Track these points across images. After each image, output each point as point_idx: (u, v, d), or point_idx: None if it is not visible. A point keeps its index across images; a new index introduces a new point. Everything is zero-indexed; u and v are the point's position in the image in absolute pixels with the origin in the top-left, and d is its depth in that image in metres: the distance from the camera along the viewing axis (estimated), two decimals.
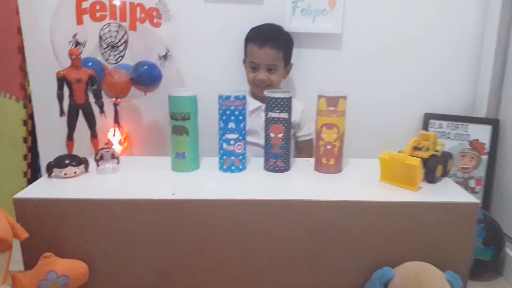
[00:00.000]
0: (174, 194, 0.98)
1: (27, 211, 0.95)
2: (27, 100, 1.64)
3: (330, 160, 1.13)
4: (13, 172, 1.64)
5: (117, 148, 1.49)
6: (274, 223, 0.97)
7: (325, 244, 0.99)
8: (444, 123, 1.65)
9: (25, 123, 1.64)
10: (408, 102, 1.66)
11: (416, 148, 1.10)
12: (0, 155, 1.64)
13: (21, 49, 1.60)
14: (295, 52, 1.53)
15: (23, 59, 1.61)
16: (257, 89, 1.44)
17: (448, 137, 1.64)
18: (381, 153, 1.07)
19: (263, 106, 1.45)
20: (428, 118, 1.66)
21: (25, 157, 1.65)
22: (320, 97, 1.11)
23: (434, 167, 1.06)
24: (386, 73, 1.62)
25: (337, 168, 1.15)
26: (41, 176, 1.65)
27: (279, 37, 1.45)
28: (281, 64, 1.45)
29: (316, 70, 1.61)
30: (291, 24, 1.53)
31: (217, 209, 0.97)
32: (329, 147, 1.12)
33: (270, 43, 1.40)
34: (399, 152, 1.11)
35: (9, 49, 1.63)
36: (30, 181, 1.65)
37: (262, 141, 1.44)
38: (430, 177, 1.07)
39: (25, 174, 1.65)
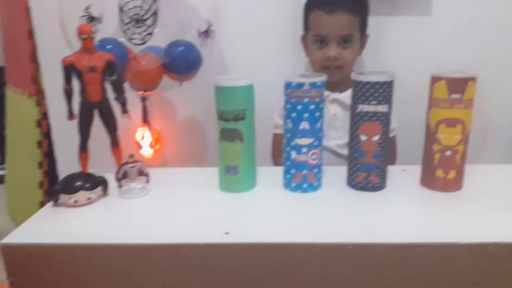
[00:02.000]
0: (228, 233, 0.66)
1: (20, 263, 0.66)
2: (40, 96, 1.36)
3: (449, 172, 0.78)
4: (28, 182, 1.38)
5: (148, 152, 1.19)
6: (380, 276, 0.64)
7: None
8: None
9: (39, 123, 1.36)
10: None
11: None
12: (14, 163, 1.38)
13: (31, 34, 1.32)
14: (371, 20, 1.16)
15: (34, 47, 1.33)
16: (326, 72, 1.09)
17: None
18: None
19: (331, 96, 1.12)
20: None
21: (40, 164, 1.38)
22: (436, 79, 0.76)
23: None
24: (491, 47, 1.23)
25: (457, 183, 0.80)
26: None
27: None
28: (357, 34, 1.10)
29: (397, 44, 1.25)
30: None
31: (294, 257, 0.64)
32: (448, 153, 0.77)
33: (344, 6, 1.05)
34: None
35: (17, 35, 1.35)
36: (47, 193, 1.39)
37: (330, 142, 1.12)
38: None
39: (40, 184, 1.38)
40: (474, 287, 0.64)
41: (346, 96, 1.09)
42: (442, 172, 0.79)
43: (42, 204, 1.39)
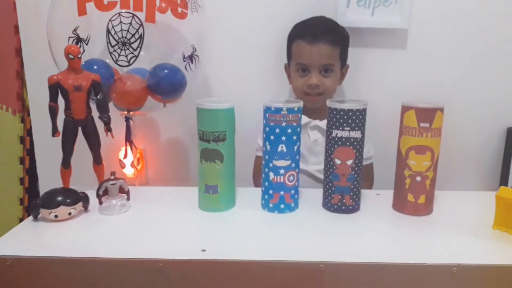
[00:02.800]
0: (204, 251, 0.68)
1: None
2: (25, 113, 1.37)
3: (419, 197, 0.82)
4: (8, 198, 1.37)
5: (130, 171, 1.21)
6: None
7: None
8: None
9: (22, 140, 1.37)
10: (487, 113, 1.33)
11: None
12: None
13: (18, 52, 1.34)
14: (351, 51, 1.21)
15: (21, 64, 1.34)
16: (307, 98, 1.13)
17: None
18: (499, 189, 0.75)
19: (312, 123, 1.16)
20: None
21: (21, 180, 1.37)
22: (407, 108, 0.80)
23: None
24: (460, 78, 1.30)
25: (427, 208, 0.84)
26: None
27: (335, 29, 1.14)
28: (338, 64, 1.14)
29: (375, 74, 1.30)
30: (346, 18, 1.22)
31: (269, 274, 0.66)
32: (419, 179, 0.81)
33: (325, 38, 1.10)
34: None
35: (4, 52, 1.37)
36: (27, 209, 1.38)
37: (309, 167, 1.15)
38: None
39: (21, 201, 1.38)
40: None
41: (325, 123, 1.13)
42: (412, 196, 0.82)
43: (21, 220, 1.38)
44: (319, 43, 1.09)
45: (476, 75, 1.29)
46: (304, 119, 1.15)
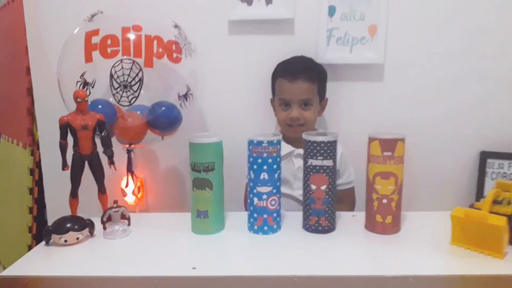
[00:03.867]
0: (195, 268, 0.78)
1: None
2: (34, 147, 1.49)
3: (386, 217, 0.92)
4: (18, 226, 1.48)
5: (131, 199, 1.31)
6: None
7: None
8: (505, 162, 1.42)
9: (31, 172, 1.49)
10: (461, 140, 1.44)
11: (495, 202, 0.88)
12: (3, 208, 1.48)
13: (29, 91, 1.47)
14: (331, 86, 1.34)
15: (32, 102, 1.47)
16: (290, 129, 1.25)
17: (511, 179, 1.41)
18: (454, 210, 0.86)
19: (296, 151, 1.27)
20: (485, 157, 1.44)
21: (30, 210, 1.48)
22: (372, 139, 0.91)
23: None
24: (434, 108, 1.41)
25: (395, 227, 0.94)
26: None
27: (312, 68, 1.27)
28: (316, 98, 1.26)
29: (354, 105, 1.42)
30: (326, 55, 1.36)
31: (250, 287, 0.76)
32: (385, 201, 0.92)
33: (302, 76, 1.22)
34: (471, 207, 0.90)
35: (17, 91, 1.50)
36: (35, 237, 1.48)
37: (295, 192, 1.26)
38: None
39: (30, 229, 1.48)
40: None
41: None
42: (380, 217, 0.93)
43: (30, 247, 1.48)
44: (298, 81, 1.22)
45: (449, 103, 1.41)
46: (289, 148, 1.26)
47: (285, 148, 1.26)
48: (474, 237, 0.84)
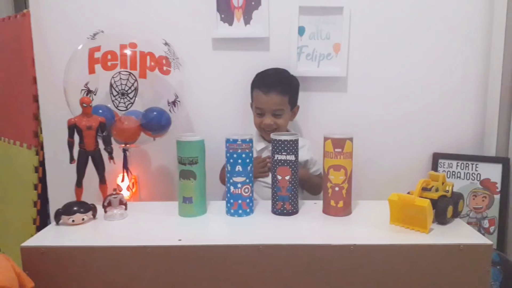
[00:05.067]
0: (180, 240, 0.97)
1: (34, 260, 0.95)
2: (39, 147, 1.67)
3: (338, 202, 1.12)
4: (23, 219, 1.65)
5: (126, 193, 1.50)
6: (282, 268, 0.95)
7: None
8: (454, 162, 1.64)
9: (36, 169, 1.66)
10: (416, 142, 1.66)
11: (425, 189, 1.08)
12: (11, 202, 1.65)
13: (36, 98, 1.65)
14: (302, 95, 1.55)
15: (38, 108, 1.65)
16: (264, 132, 1.46)
17: (459, 177, 1.62)
18: (390, 195, 1.06)
19: (269, 147, 1.46)
20: (437, 158, 1.65)
21: (35, 204, 1.66)
22: (326, 139, 1.12)
23: (445, 208, 1.05)
24: (392, 114, 1.63)
25: (346, 210, 1.14)
26: (50, 223, 1.67)
27: (284, 82, 1.47)
28: (287, 108, 1.46)
29: (323, 113, 1.62)
30: (297, 69, 1.57)
31: (225, 255, 0.95)
32: (337, 189, 1.12)
33: (275, 89, 1.42)
34: (408, 193, 1.10)
35: (24, 98, 1.68)
36: (39, 228, 1.65)
37: (269, 180, 1.43)
38: (441, 219, 1.05)
39: (34, 221, 1.66)
40: (342, 275, 0.96)
41: None
42: (333, 202, 1.13)
43: None
44: (271, 93, 1.42)
45: (405, 111, 1.62)
46: (264, 143, 1.48)
47: (261, 144, 1.48)
48: (407, 216, 1.04)
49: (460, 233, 1.01)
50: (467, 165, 1.62)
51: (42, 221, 1.68)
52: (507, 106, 1.56)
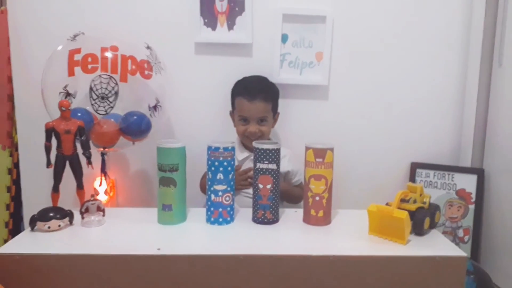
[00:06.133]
0: (159, 249, 0.96)
1: (8, 267, 0.92)
2: (13, 148, 1.62)
3: (319, 212, 1.13)
4: None
5: (103, 197, 1.47)
6: (263, 279, 0.95)
7: None
8: (431, 172, 1.67)
9: (9, 171, 1.62)
10: (394, 151, 1.69)
11: (403, 200, 1.10)
12: None
13: (10, 98, 1.61)
14: (283, 102, 1.56)
15: (12, 107, 1.61)
16: (248, 140, 1.45)
17: (435, 186, 1.66)
18: (369, 206, 1.07)
19: (252, 156, 1.46)
20: (415, 167, 1.69)
21: (7, 206, 1.61)
22: (307, 148, 1.12)
23: (422, 220, 1.06)
24: (372, 123, 1.66)
25: (326, 220, 1.14)
26: (23, 227, 1.63)
27: (267, 89, 1.47)
28: (271, 115, 1.46)
29: (304, 120, 1.64)
30: (279, 76, 1.57)
31: (205, 264, 0.94)
32: (317, 198, 1.12)
33: (260, 96, 1.42)
34: (387, 204, 1.12)
35: None
36: (11, 231, 1.60)
37: (250, 190, 1.44)
38: (418, 230, 1.07)
39: (6, 224, 1.60)
40: (322, 286, 0.96)
41: None
42: (314, 211, 1.13)
43: (6, 241, 1.60)
44: (256, 101, 1.41)
45: (385, 120, 1.65)
46: (246, 153, 1.47)
47: (244, 153, 1.47)
48: (385, 227, 1.05)
49: (436, 245, 1.03)
50: (443, 175, 1.65)
51: (15, 225, 1.63)
52: (483, 119, 1.61)
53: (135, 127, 1.32)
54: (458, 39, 1.61)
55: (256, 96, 1.42)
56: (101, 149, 1.36)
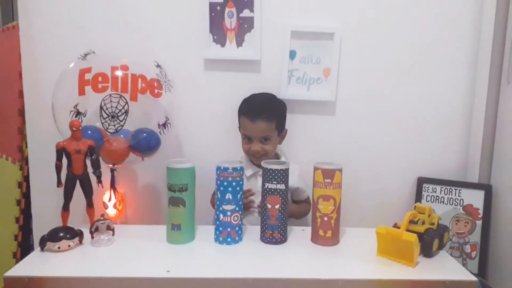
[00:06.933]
0: (169, 271, 0.97)
1: None
2: (23, 162, 1.64)
3: (327, 232, 1.13)
4: (4, 235, 1.61)
5: (112, 211, 1.48)
6: None
7: None
8: (438, 187, 1.67)
9: (19, 185, 1.63)
10: (401, 166, 1.68)
11: (412, 222, 1.10)
12: None
13: (21, 112, 1.63)
14: (291, 117, 1.56)
15: (23, 122, 1.63)
16: (253, 158, 1.45)
17: (442, 202, 1.65)
18: (378, 227, 1.07)
19: (260, 172, 1.47)
20: (421, 182, 1.68)
21: (17, 219, 1.63)
22: (316, 169, 1.13)
23: (431, 242, 1.07)
24: (379, 139, 1.65)
25: (334, 240, 1.15)
26: (32, 240, 1.64)
27: (269, 108, 1.45)
28: (275, 133, 1.45)
29: (311, 136, 1.64)
30: (287, 92, 1.58)
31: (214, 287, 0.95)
32: (326, 219, 1.13)
33: (261, 117, 1.40)
34: (395, 225, 1.12)
35: (9, 111, 1.65)
36: (20, 244, 1.62)
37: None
38: (427, 252, 1.07)
39: (16, 237, 1.62)
40: None
41: None
42: (322, 232, 1.14)
43: (15, 255, 1.62)
44: (258, 121, 1.40)
45: (392, 136, 1.65)
46: (254, 168, 1.46)
47: (252, 169, 1.47)
48: (393, 249, 1.06)
49: (445, 268, 1.03)
50: (450, 190, 1.65)
51: (24, 237, 1.64)
52: (490, 135, 1.60)
53: (145, 144, 1.33)
54: (466, 56, 1.61)
55: (257, 116, 1.40)
56: (111, 165, 1.37)
